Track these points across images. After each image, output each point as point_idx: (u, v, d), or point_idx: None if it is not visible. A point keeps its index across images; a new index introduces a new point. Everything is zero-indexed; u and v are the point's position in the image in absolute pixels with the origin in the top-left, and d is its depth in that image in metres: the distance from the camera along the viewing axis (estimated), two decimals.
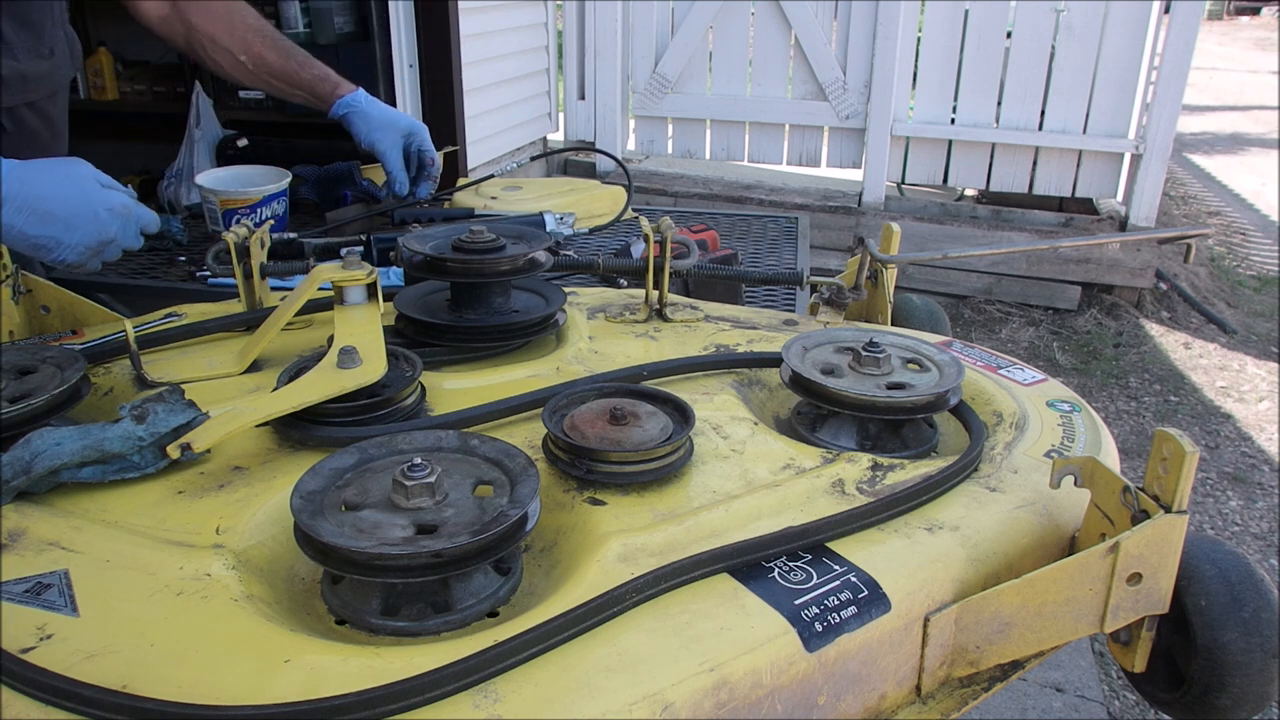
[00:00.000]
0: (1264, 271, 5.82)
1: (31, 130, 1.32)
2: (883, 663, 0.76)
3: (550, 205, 2.00)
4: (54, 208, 1.12)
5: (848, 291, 1.33)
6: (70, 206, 1.14)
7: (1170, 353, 4.58)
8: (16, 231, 1.11)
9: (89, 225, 1.15)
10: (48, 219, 1.12)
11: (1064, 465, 0.84)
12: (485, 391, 1.05)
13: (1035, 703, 2.42)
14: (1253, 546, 3.12)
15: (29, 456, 0.82)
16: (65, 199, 1.14)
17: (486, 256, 1.15)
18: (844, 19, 5.04)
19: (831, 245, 5.12)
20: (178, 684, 0.63)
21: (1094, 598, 0.77)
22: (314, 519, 0.73)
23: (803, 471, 0.91)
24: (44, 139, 1.36)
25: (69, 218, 1.13)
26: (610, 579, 0.73)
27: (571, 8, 5.55)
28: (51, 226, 1.12)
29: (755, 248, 2.20)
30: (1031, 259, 4.91)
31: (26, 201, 1.11)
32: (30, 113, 1.31)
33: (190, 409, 0.90)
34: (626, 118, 5.67)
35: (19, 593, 0.72)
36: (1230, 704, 0.77)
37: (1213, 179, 7.96)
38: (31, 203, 1.11)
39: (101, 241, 1.18)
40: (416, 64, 3.82)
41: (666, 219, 1.28)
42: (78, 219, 1.14)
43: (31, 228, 1.11)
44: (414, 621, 0.74)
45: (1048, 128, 4.93)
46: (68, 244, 1.15)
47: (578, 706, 0.62)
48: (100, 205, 1.17)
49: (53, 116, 1.37)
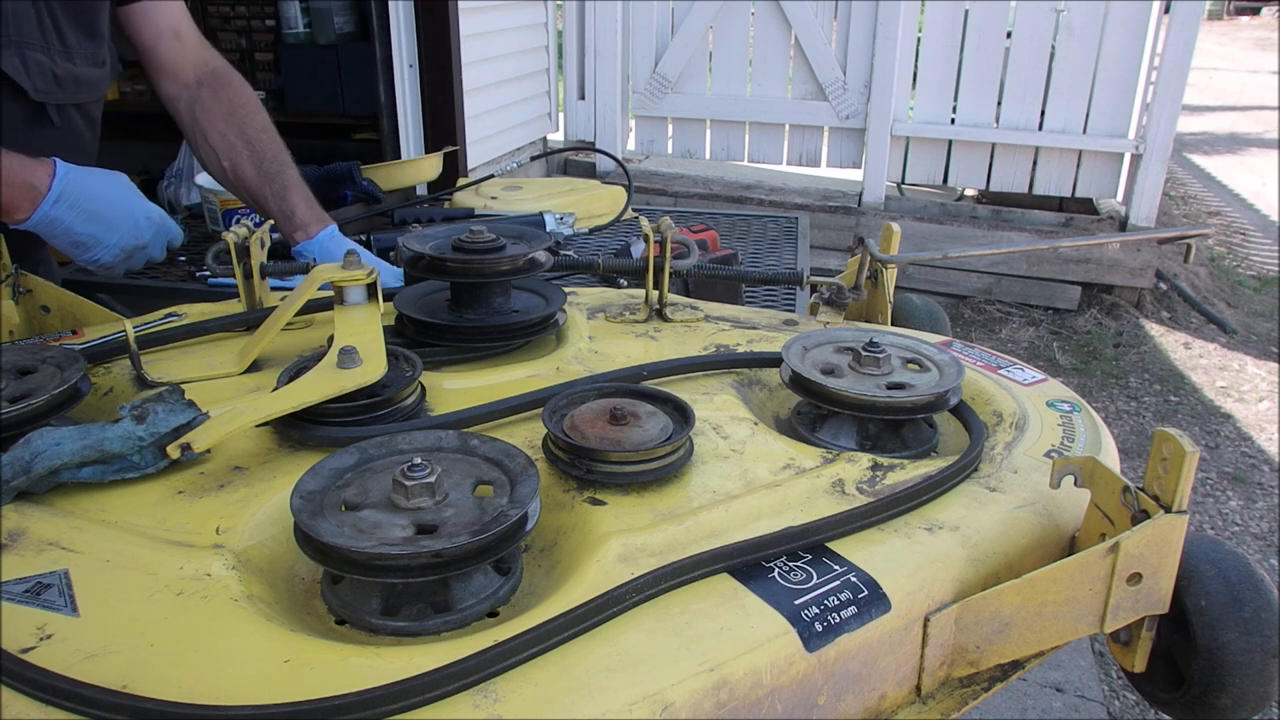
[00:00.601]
0: (1264, 271, 5.83)
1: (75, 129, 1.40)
2: (883, 663, 0.76)
3: (550, 205, 2.00)
4: (101, 209, 1.21)
5: (848, 291, 1.33)
6: (115, 209, 1.22)
7: (1170, 353, 4.58)
8: (64, 226, 1.20)
9: (129, 229, 1.24)
10: (93, 218, 1.20)
11: (1064, 465, 0.84)
12: (485, 391, 1.05)
13: (1035, 703, 2.42)
14: (1253, 546, 3.12)
15: (29, 456, 0.82)
16: (111, 202, 1.22)
17: (486, 256, 1.15)
18: (844, 19, 5.04)
19: (831, 245, 5.13)
20: (178, 684, 0.63)
21: (1094, 598, 0.77)
22: (314, 519, 0.73)
23: (803, 471, 0.91)
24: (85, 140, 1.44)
25: (113, 219, 1.22)
26: (610, 579, 0.73)
27: (571, 8, 5.55)
28: (95, 225, 1.21)
29: (755, 248, 2.20)
30: (1031, 259, 4.91)
31: (77, 200, 1.19)
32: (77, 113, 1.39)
33: (190, 409, 0.90)
34: (626, 118, 5.67)
35: (19, 593, 0.72)
36: (1230, 704, 0.77)
37: (1213, 179, 7.96)
38: (81, 201, 1.19)
39: (136, 246, 1.26)
40: (416, 64, 3.82)
41: (666, 219, 1.28)
42: (120, 221, 1.22)
43: (78, 225, 1.20)
44: (414, 621, 0.74)
45: (1048, 128, 4.93)
46: (106, 244, 1.23)
47: (578, 706, 0.62)
48: (140, 213, 1.26)
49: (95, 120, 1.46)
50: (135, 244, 1.27)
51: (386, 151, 3.84)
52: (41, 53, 1.30)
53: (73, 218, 1.20)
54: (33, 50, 1.28)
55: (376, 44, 3.73)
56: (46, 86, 1.31)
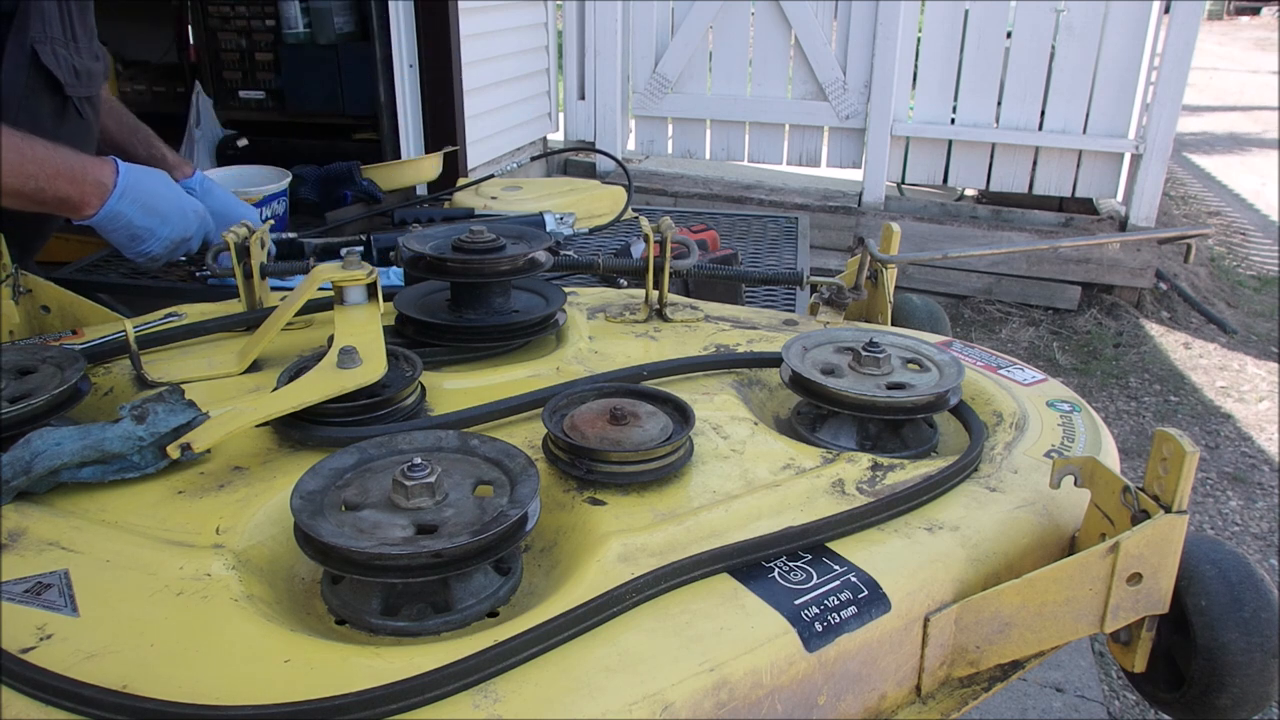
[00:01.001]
0: (1264, 271, 5.82)
1: (89, 122, 1.47)
2: (883, 663, 0.76)
3: (550, 205, 2.00)
4: (159, 204, 1.31)
5: (848, 291, 1.33)
6: (170, 204, 1.33)
7: (1170, 353, 4.58)
8: (125, 220, 1.28)
9: (181, 222, 1.34)
10: (152, 212, 1.30)
11: (1064, 465, 0.84)
12: (485, 391, 1.05)
13: (1035, 703, 2.42)
14: (1253, 546, 3.12)
15: (29, 456, 0.82)
16: (168, 198, 1.33)
17: (486, 256, 1.15)
18: (844, 19, 5.04)
19: (831, 245, 5.12)
20: (178, 684, 0.63)
21: (1094, 598, 0.77)
22: (314, 519, 0.73)
23: (803, 471, 0.91)
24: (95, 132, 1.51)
25: (168, 213, 1.32)
26: (610, 579, 0.73)
27: (571, 8, 5.55)
28: (153, 219, 1.30)
29: (755, 248, 2.20)
30: (1031, 259, 4.90)
31: (138, 196, 1.28)
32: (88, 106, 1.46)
33: (190, 409, 0.90)
34: (626, 118, 5.67)
35: (19, 593, 0.72)
36: (1230, 704, 0.77)
37: (1213, 179, 7.96)
38: (142, 197, 1.29)
39: (184, 238, 1.35)
40: (416, 64, 3.82)
41: (666, 219, 1.28)
42: (174, 215, 1.33)
43: (139, 218, 1.29)
44: (414, 621, 0.74)
45: (1048, 128, 4.93)
46: (160, 236, 1.32)
47: (578, 706, 0.62)
48: (190, 208, 1.37)
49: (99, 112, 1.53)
50: (184, 236, 1.35)
51: (386, 151, 3.84)
52: (64, 48, 1.36)
53: (134, 212, 1.28)
54: (59, 46, 1.35)
55: (376, 44, 3.72)
56: (71, 80, 1.37)
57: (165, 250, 1.34)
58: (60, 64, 1.35)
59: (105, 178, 1.26)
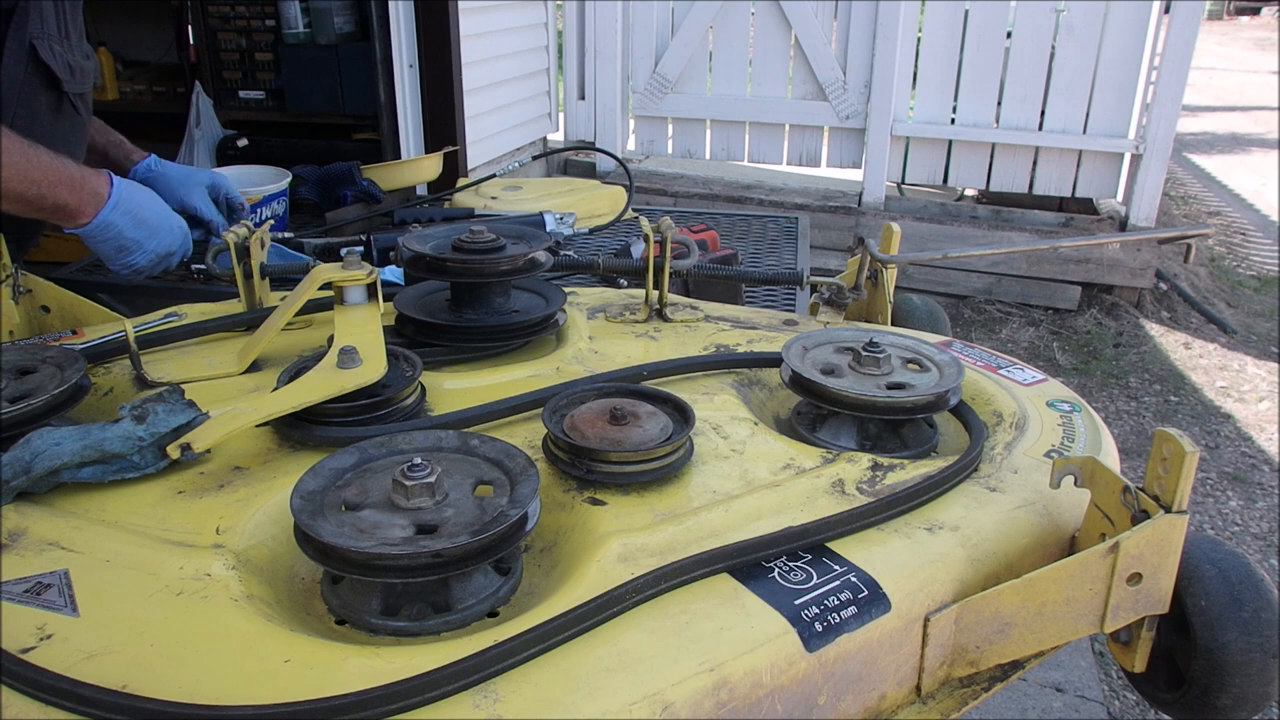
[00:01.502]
0: (1264, 271, 5.82)
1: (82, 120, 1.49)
2: (883, 663, 0.76)
3: (550, 205, 2.00)
4: (148, 216, 1.33)
5: (848, 291, 1.33)
6: (159, 218, 1.35)
7: (1170, 353, 4.58)
8: (116, 231, 1.29)
9: (167, 235, 1.36)
10: (142, 224, 1.32)
11: (1064, 465, 0.84)
12: (485, 391, 1.05)
13: (1035, 703, 2.42)
14: (1253, 546, 3.12)
15: (29, 456, 0.82)
16: (156, 211, 1.35)
17: (486, 256, 1.15)
18: (844, 19, 5.04)
19: (831, 245, 5.12)
20: (177, 684, 0.63)
21: (1094, 598, 0.77)
22: (314, 519, 0.73)
23: (803, 471, 0.91)
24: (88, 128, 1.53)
25: (157, 226, 1.34)
26: (610, 579, 0.73)
27: (571, 8, 5.55)
28: (142, 231, 1.32)
29: (755, 248, 2.20)
30: (1031, 259, 4.90)
31: (130, 208, 1.30)
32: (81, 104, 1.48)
33: (190, 409, 0.90)
34: (626, 118, 5.67)
35: (19, 593, 0.71)
36: (1230, 704, 0.77)
37: (1213, 179, 7.96)
38: (134, 209, 1.31)
39: (170, 252, 1.37)
40: (416, 64, 3.81)
41: (666, 219, 1.28)
42: (162, 229, 1.35)
43: (129, 229, 1.30)
44: (414, 621, 0.74)
45: (1048, 128, 4.93)
46: (147, 248, 1.33)
47: (578, 706, 0.62)
48: (176, 223, 1.39)
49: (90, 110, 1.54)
50: (169, 249, 1.36)
51: (386, 151, 3.84)
52: (59, 45, 1.38)
53: (125, 223, 1.30)
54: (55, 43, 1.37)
55: (376, 44, 3.72)
56: (67, 77, 1.39)
57: (149, 263, 1.36)
58: (57, 60, 1.36)
59: (101, 188, 1.28)
